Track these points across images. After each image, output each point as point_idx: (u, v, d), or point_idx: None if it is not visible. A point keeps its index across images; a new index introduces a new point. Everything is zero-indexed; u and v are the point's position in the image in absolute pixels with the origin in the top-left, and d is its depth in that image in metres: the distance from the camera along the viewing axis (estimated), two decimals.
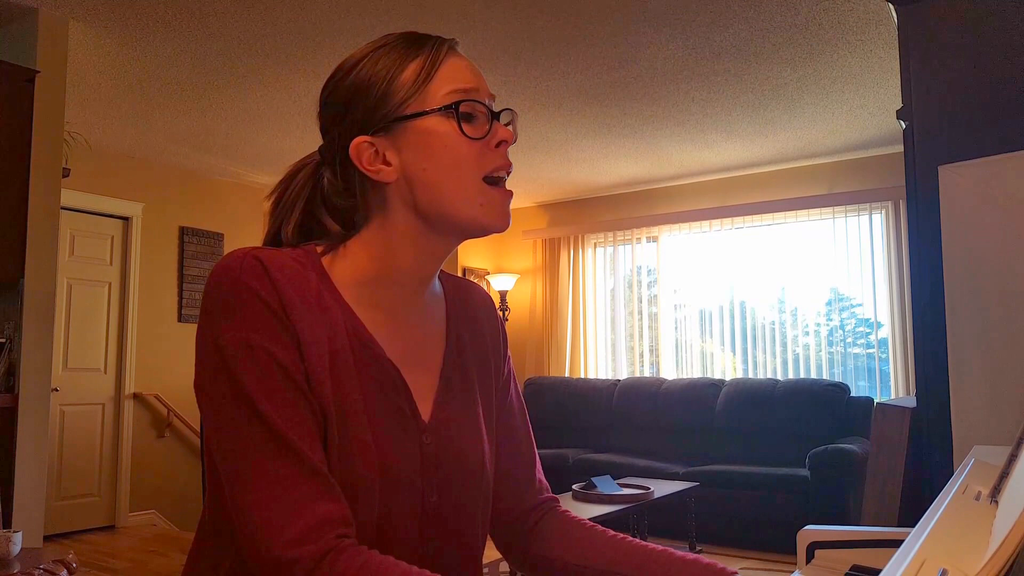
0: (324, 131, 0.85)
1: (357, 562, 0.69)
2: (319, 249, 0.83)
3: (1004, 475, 0.85)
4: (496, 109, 0.84)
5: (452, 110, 0.80)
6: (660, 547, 0.89)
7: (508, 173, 0.84)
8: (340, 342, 0.79)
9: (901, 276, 5.21)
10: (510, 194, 0.84)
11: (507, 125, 0.85)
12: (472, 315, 0.95)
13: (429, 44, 0.82)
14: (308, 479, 0.71)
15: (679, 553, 0.86)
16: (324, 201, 0.85)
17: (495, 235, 5.87)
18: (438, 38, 0.83)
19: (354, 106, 0.81)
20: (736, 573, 0.82)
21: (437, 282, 0.92)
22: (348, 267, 0.83)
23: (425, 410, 0.85)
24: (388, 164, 0.80)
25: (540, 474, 1.01)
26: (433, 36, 0.84)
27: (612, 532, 0.93)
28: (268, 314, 0.74)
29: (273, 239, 0.87)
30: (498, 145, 0.82)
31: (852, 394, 5.06)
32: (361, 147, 0.80)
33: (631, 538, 0.91)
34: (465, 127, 0.80)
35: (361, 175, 0.82)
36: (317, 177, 0.86)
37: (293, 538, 0.69)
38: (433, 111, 0.79)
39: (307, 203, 0.86)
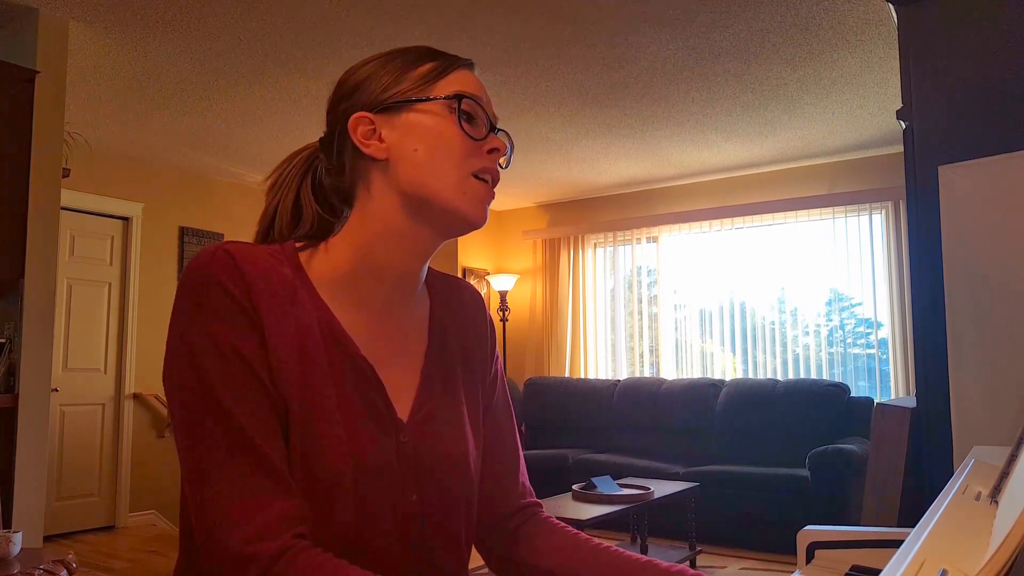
0: (329, 111, 0.87)
1: (315, 562, 0.69)
2: (298, 246, 0.84)
3: (1004, 475, 0.85)
4: (499, 135, 0.86)
5: (454, 102, 0.82)
6: (645, 557, 0.88)
7: (494, 181, 0.85)
8: (312, 338, 0.79)
9: (901, 276, 5.20)
10: (492, 194, 0.85)
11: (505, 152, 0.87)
12: (458, 312, 0.95)
13: (447, 55, 0.86)
14: (267, 476, 0.71)
15: (664, 564, 0.86)
16: (315, 186, 0.87)
17: (495, 236, 5.83)
18: (457, 55, 0.87)
19: (362, 89, 0.84)
20: None
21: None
22: (327, 263, 0.83)
23: (403, 408, 0.84)
24: (381, 141, 0.82)
25: (524, 477, 1.00)
26: (453, 54, 0.87)
27: (596, 541, 0.92)
28: (234, 307, 0.74)
29: (269, 220, 0.88)
30: (491, 152, 0.84)
31: (852, 394, 5.06)
32: (359, 120, 0.82)
33: (615, 547, 0.91)
34: (464, 123, 0.82)
35: (353, 150, 0.83)
36: (312, 161, 0.88)
37: (251, 534, 0.68)
38: (436, 98, 0.82)
39: (299, 187, 0.87)
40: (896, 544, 0.97)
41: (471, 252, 6.87)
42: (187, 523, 0.81)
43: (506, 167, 0.87)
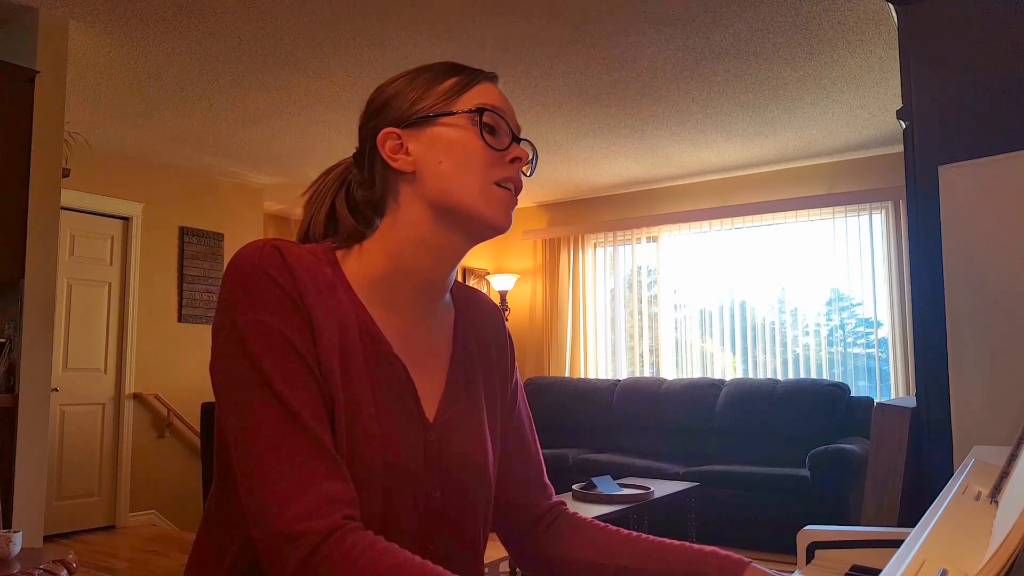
0: (360, 128, 0.91)
1: (363, 543, 0.70)
2: (334, 246, 0.88)
3: (1004, 475, 0.85)
4: (523, 145, 0.89)
5: (476, 115, 0.85)
6: (676, 541, 0.91)
7: (517, 188, 0.88)
8: (351, 335, 0.82)
9: (901, 276, 5.20)
10: (515, 200, 0.89)
11: (529, 161, 0.90)
12: (479, 324, 0.99)
13: (470, 69, 0.90)
14: (319, 458, 0.73)
15: (696, 546, 0.89)
16: (348, 197, 0.91)
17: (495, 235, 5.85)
18: (481, 69, 0.90)
19: (390, 106, 0.88)
20: (751, 563, 0.85)
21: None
22: (362, 265, 0.87)
23: (430, 409, 0.87)
24: (408, 155, 0.86)
25: (546, 478, 1.04)
26: (476, 68, 0.91)
27: (625, 531, 0.96)
28: (284, 299, 0.78)
29: (305, 231, 0.93)
30: (513, 161, 0.87)
31: (852, 394, 5.06)
32: (388, 136, 0.86)
33: (644, 535, 0.94)
34: (486, 135, 0.85)
35: (382, 164, 0.87)
36: (345, 175, 0.92)
37: (301, 513, 0.70)
38: (460, 112, 0.86)
39: (334, 199, 0.92)
40: (896, 544, 0.97)
41: (471, 252, 6.83)
42: (220, 515, 0.83)
43: (530, 175, 0.91)
